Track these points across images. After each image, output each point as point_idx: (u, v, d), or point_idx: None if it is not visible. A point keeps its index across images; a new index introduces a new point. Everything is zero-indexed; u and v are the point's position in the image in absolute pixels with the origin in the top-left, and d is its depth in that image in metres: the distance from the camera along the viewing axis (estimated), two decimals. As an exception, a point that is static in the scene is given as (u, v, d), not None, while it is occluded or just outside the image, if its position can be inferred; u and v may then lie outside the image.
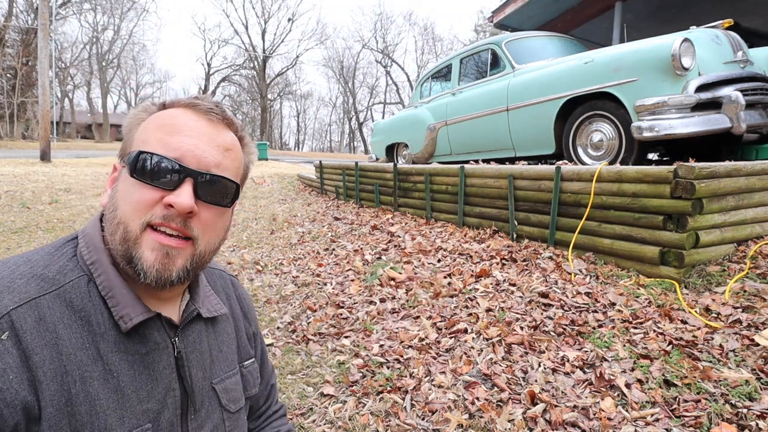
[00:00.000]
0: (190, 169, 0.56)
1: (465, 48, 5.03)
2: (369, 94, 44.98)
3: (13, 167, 9.26)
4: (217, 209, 0.60)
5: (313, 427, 1.70)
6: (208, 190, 0.58)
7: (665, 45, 2.83)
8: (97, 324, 0.55)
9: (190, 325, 0.65)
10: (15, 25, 25.17)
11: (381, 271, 3.06)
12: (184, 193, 0.55)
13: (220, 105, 0.62)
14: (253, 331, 0.83)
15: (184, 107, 0.61)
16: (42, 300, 0.52)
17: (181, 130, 0.58)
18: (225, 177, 0.59)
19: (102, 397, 0.53)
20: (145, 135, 0.59)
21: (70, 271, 0.56)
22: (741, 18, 4.63)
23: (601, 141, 3.32)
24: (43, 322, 0.51)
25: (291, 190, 8.01)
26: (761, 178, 2.58)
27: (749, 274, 2.24)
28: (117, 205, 0.56)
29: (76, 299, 0.54)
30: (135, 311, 0.56)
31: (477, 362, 1.92)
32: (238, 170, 0.63)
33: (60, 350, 0.51)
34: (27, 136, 25.78)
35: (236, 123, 0.64)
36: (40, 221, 5.15)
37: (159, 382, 0.59)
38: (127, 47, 38.16)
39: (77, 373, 0.51)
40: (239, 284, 0.85)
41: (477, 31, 33.52)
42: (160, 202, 0.55)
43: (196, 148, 0.57)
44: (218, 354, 0.70)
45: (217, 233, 0.62)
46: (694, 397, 1.52)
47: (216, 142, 0.59)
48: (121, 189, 0.57)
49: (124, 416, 0.54)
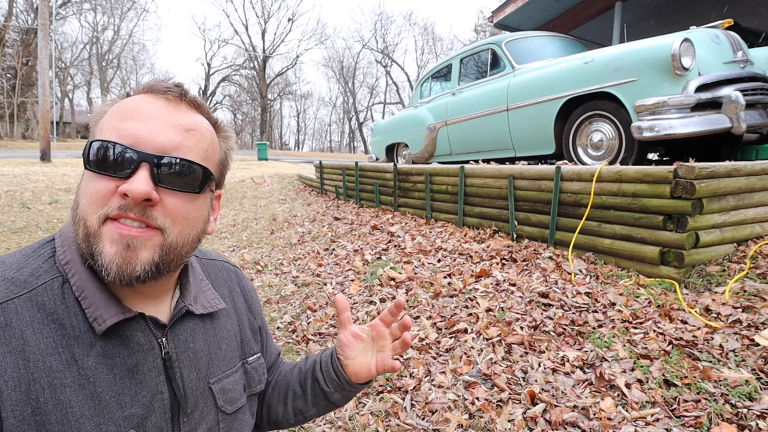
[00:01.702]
0: (143, 152, 0.52)
1: (465, 48, 5.03)
2: (369, 94, 45.01)
3: (13, 167, 9.27)
4: (184, 195, 0.55)
5: (313, 427, 1.70)
6: (170, 174, 0.53)
7: (665, 45, 2.83)
8: (71, 327, 0.52)
9: (180, 323, 0.62)
10: (15, 25, 25.18)
11: (381, 271, 3.06)
12: (139, 178, 0.50)
13: (180, 85, 0.58)
14: (259, 325, 0.80)
15: (141, 92, 0.57)
16: (10, 304, 0.50)
17: (135, 113, 0.54)
18: (187, 159, 0.54)
19: (75, 405, 0.50)
20: (102, 125, 0.56)
21: (44, 273, 0.54)
22: (741, 18, 4.63)
23: (601, 141, 3.32)
24: (9, 327, 0.49)
25: (291, 190, 8.00)
26: (761, 178, 2.58)
27: (749, 274, 2.24)
28: (78, 201, 0.54)
29: (49, 302, 0.52)
30: (108, 312, 0.53)
31: (477, 362, 1.92)
32: (207, 153, 0.58)
33: (27, 357, 0.48)
34: (27, 136, 25.79)
35: (203, 105, 0.60)
36: (40, 221, 5.15)
37: (144, 385, 0.56)
38: (127, 47, 38.20)
39: (46, 380, 0.49)
40: (244, 276, 0.82)
41: (477, 31, 33.54)
42: (116, 193, 0.51)
43: (150, 130, 0.53)
44: (217, 352, 0.67)
45: (191, 223, 0.57)
46: (694, 397, 1.52)
47: (173, 123, 0.54)
48: (81, 184, 0.54)
49: (101, 423, 0.52)
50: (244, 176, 9.71)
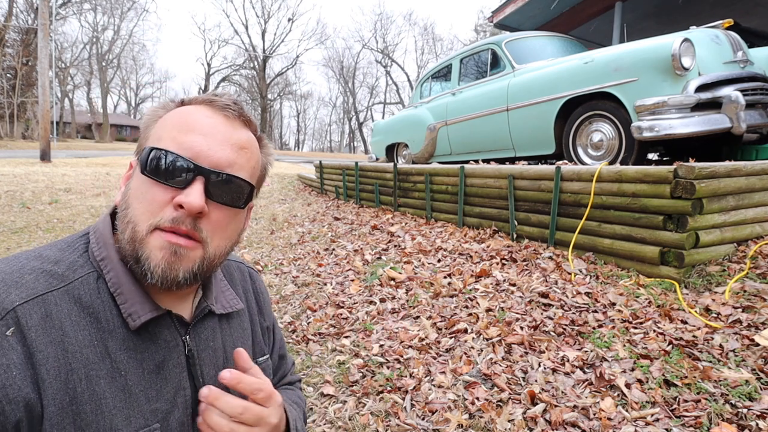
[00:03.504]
0: (201, 167, 0.54)
1: (465, 48, 5.03)
2: (369, 94, 45.02)
3: (13, 167, 9.27)
4: (230, 210, 0.58)
5: (313, 427, 1.70)
6: (221, 189, 0.56)
7: (665, 45, 2.83)
8: (105, 321, 0.54)
9: (202, 322, 0.64)
10: (15, 25, 25.17)
11: (381, 271, 3.06)
12: (195, 192, 0.53)
13: (238, 102, 0.60)
14: (268, 326, 0.81)
15: (200, 104, 0.59)
16: (49, 296, 0.51)
17: (195, 127, 0.56)
18: (239, 177, 0.57)
19: (108, 396, 0.52)
20: (160, 132, 0.57)
21: (80, 267, 0.55)
22: (741, 18, 4.63)
23: (601, 141, 3.32)
24: (49, 318, 0.50)
25: (291, 190, 8.01)
26: (761, 178, 2.58)
27: (749, 274, 2.24)
28: (129, 203, 0.55)
29: (85, 296, 0.54)
30: (143, 309, 0.55)
31: (477, 362, 1.92)
32: (254, 170, 0.61)
33: (66, 348, 0.50)
34: (27, 136, 25.77)
35: (254, 122, 0.62)
36: (40, 221, 5.15)
37: (169, 381, 0.58)
38: (127, 47, 38.24)
39: (83, 371, 0.51)
40: (258, 277, 0.84)
41: (477, 31, 33.55)
42: (170, 204, 0.53)
43: (210, 146, 0.55)
44: (233, 351, 0.68)
45: (229, 236, 0.60)
46: (694, 397, 1.52)
47: (231, 141, 0.57)
48: (133, 187, 0.56)
49: (131, 416, 0.53)
50: (244, 176, 9.69)
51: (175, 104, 0.61)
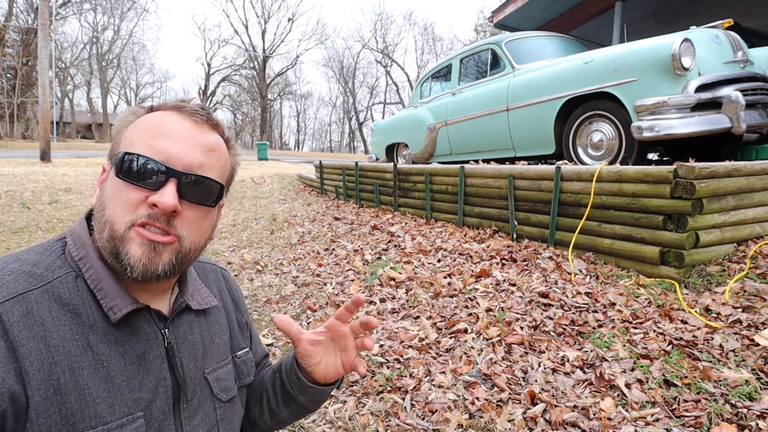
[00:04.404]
0: (174, 169, 0.58)
1: (465, 48, 5.03)
2: (369, 94, 45.00)
3: (13, 167, 9.26)
4: (201, 208, 0.62)
5: (313, 427, 1.70)
6: (192, 190, 0.60)
7: (665, 45, 2.83)
8: (86, 316, 0.57)
9: (179, 316, 0.67)
10: (15, 25, 25.17)
11: (381, 271, 3.06)
12: (168, 192, 0.57)
13: (205, 107, 0.65)
14: (246, 321, 0.85)
15: (170, 110, 0.63)
16: (30, 295, 0.54)
17: (166, 132, 0.60)
18: (209, 177, 0.61)
19: (92, 386, 0.55)
20: (132, 137, 0.61)
21: (58, 267, 0.58)
22: (741, 18, 4.63)
23: (601, 141, 3.32)
24: (30, 315, 0.53)
25: (291, 190, 8.01)
26: (761, 178, 2.58)
27: (749, 274, 2.24)
28: (105, 205, 0.59)
29: (64, 294, 0.56)
30: (124, 302, 0.58)
31: (477, 362, 1.92)
32: (222, 171, 0.65)
33: (48, 342, 0.53)
34: (27, 136, 25.77)
35: (221, 125, 0.66)
36: (40, 221, 5.15)
37: (150, 372, 0.61)
38: (127, 47, 38.18)
39: (66, 363, 0.53)
40: (230, 277, 0.88)
41: (477, 31, 33.53)
42: (144, 202, 0.57)
43: (180, 149, 0.59)
44: (210, 345, 0.72)
45: (202, 232, 0.64)
46: (694, 397, 1.52)
47: (200, 144, 0.61)
48: (108, 189, 0.59)
49: (115, 404, 0.56)
50: (244, 176, 9.70)
51: (144, 110, 0.64)
